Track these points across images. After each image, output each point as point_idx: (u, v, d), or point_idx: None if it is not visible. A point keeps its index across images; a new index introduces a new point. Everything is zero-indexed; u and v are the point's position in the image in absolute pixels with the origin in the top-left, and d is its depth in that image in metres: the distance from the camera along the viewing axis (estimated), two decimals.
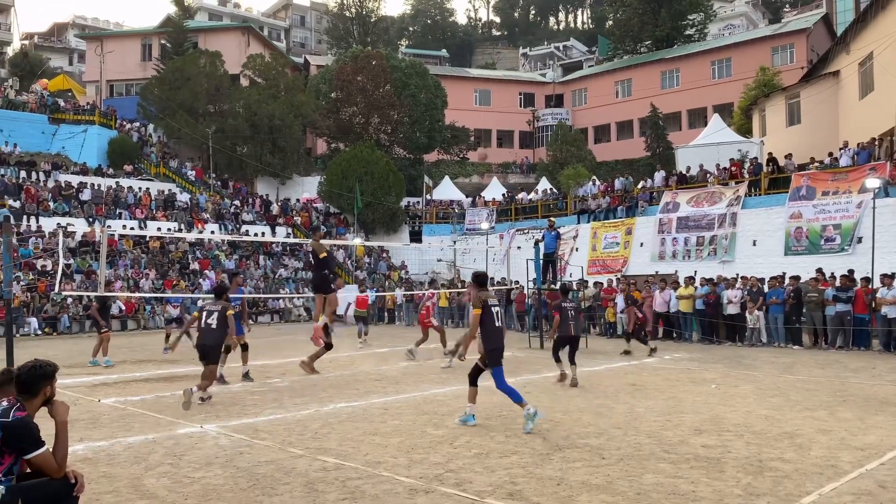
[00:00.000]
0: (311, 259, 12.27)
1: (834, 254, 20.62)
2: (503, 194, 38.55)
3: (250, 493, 5.49)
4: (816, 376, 11.76)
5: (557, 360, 11.45)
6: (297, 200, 38.93)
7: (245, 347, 11.82)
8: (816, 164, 23.51)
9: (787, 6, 71.94)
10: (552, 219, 21.90)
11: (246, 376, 11.73)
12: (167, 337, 17.08)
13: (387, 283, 32.06)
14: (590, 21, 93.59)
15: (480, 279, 8.38)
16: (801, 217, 21.98)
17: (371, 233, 37.03)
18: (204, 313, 9.95)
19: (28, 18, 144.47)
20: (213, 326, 9.70)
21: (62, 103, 39.15)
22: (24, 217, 27.93)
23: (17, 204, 28.46)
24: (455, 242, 32.84)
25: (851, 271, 17.01)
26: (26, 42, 67.38)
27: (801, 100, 31.52)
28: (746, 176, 25.13)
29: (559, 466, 6.16)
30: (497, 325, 8.08)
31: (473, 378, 8.14)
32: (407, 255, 34.84)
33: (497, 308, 8.12)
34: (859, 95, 27.61)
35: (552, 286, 19.63)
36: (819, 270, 17.77)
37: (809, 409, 8.66)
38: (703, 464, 6.19)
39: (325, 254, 12.21)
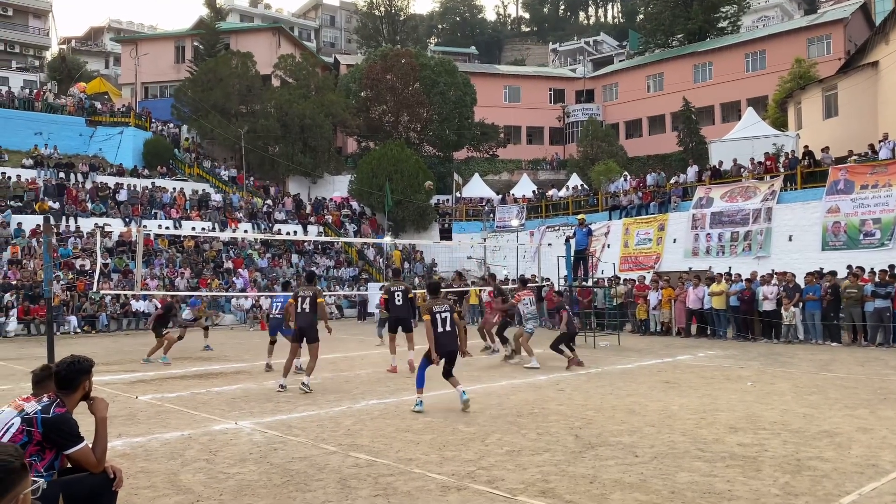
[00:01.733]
0: (397, 298, 13.03)
1: (873, 249, 20.16)
2: (533, 191, 38.39)
3: (284, 489, 5.54)
4: (856, 373, 11.52)
5: (560, 350, 13.04)
6: (331, 200, 39.16)
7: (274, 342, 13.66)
8: (855, 157, 22.99)
9: None
10: (582, 215, 21.75)
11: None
12: (179, 338, 16.09)
13: (416, 282, 32.11)
14: (620, 15, 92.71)
15: (432, 288, 9.53)
16: (839, 211, 21.51)
17: (401, 231, 37.14)
18: (299, 299, 10.85)
19: (65, 23, 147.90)
20: (307, 310, 10.69)
21: (99, 106, 39.93)
22: (64, 218, 28.57)
23: (56, 205, 29.13)
24: (485, 240, 32.78)
25: (892, 266, 16.62)
26: (64, 46, 68.82)
27: (838, 92, 30.85)
28: (782, 170, 24.67)
29: (592, 464, 6.12)
30: (440, 330, 8.83)
31: (446, 375, 8.98)
32: (437, 253, 34.88)
33: (445, 314, 8.92)
34: None
35: (584, 283, 19.55)
36: (849, 267, 17.41)
37: (849, 408, 8.49)
38: (738, 462, 6.10)
39: (412, 295, 13.48)
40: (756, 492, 5.26)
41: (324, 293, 11.54)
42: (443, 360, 8.86)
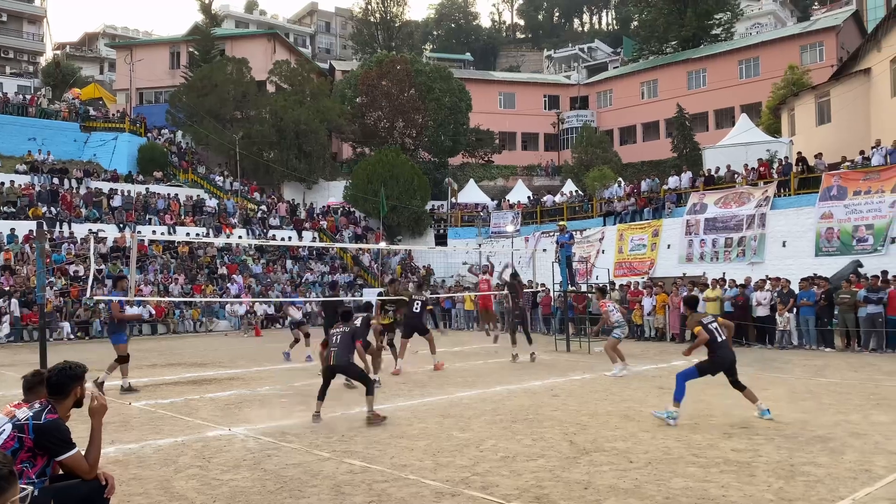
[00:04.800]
0: (416, 307, 13.79)
1: (867, 254, 20.24)
2: (528, 197, 38.43)
3: (278, 496, 5.52)
4: (849, 379, 11.55)
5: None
6: (326, 206, 39.15)
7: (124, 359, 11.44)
8: (848, 164, 23.10)
9: (816, 3, 70.78)
10: (563, 222, 21.83)
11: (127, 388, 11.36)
12: (295, 341, 15.92)
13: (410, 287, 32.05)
14: (614, 22, 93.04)
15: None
16: (833, 217, 21.60)
17: (396, 236, 37.14)
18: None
19: (60, 29, 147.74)
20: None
21: (93, 111, 39.85)
22: (58, 223, 28.47)
23: (51, 210, 29.03)
24: (480, 245, 32.76)
25: (885, 272, 16.68)
26: (58, 52, 68.67)
27: (831, 98, 31.00)
28: (775, 176, 24.77)
29: (586, 470, 6.12)
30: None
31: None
32: (432, 259, 34.86)
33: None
34: (891, 93, 27.10)
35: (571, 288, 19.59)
36: (860, 265, 17.50)
37: (842, 413, 8.50)
38: (733, 468, 6.10)
39: (431, 307, 15.51)
40: (750, 497, 5.27)
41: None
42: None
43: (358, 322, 10.49)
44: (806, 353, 16.10)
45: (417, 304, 13.83)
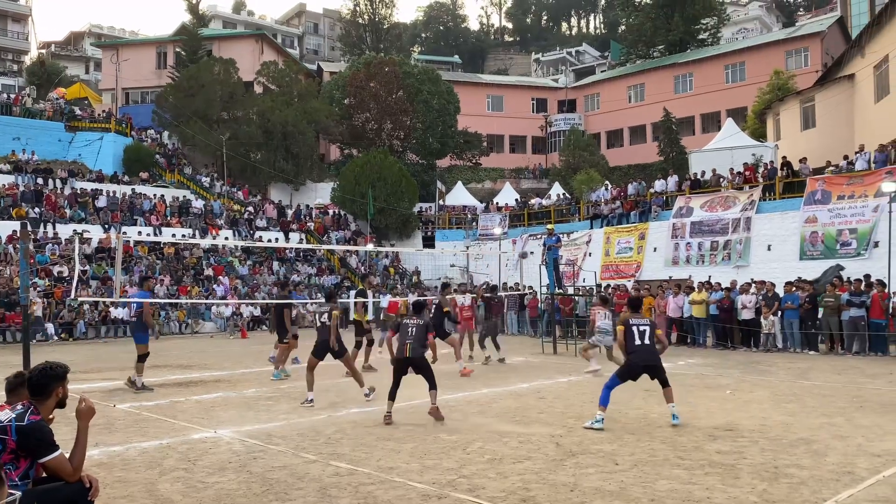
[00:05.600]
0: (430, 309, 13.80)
1: (850, 258, 20.44)
2: (516, 199, 38.54)
3: (264, 499, 5.50)
4: (832, 382, 11.65)
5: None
6: (312, 207, 39.04)
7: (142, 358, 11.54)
8: (832, 168, 23.33)
9: (801, 10, 71.51)
10: (551, 225, 21.93)
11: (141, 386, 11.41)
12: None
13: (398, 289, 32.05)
14: (602, 26, 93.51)
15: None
16: (817, 221, 21.80)
17: (384, 238, 37.12)
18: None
19: (45, 27, 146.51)
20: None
21: (78, 111, 39.56)
22: (42, 224, 28.21)
23: (34, 211, 28.76)
24: (468, 248, 32.82)
25: (867, 276, 16.84)
26: (43, 51, 68.13)
27: (815, 103, 31.31)
28: (761, 180, 24.97)
29: (572, 472, 6.14)
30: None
31: None
32: (420, 261, 34.87)
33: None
34: (875, 98, 27.41)
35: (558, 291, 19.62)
36: (840, 267, 17.67)
37: (826, 415, 8.58)
38: (717, 470, 6.14)
39: (447, 309, 14.89)
40: (734, 499, 5.31)
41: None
42: None
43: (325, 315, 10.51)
44: (790, 355, 16.22)
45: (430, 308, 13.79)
